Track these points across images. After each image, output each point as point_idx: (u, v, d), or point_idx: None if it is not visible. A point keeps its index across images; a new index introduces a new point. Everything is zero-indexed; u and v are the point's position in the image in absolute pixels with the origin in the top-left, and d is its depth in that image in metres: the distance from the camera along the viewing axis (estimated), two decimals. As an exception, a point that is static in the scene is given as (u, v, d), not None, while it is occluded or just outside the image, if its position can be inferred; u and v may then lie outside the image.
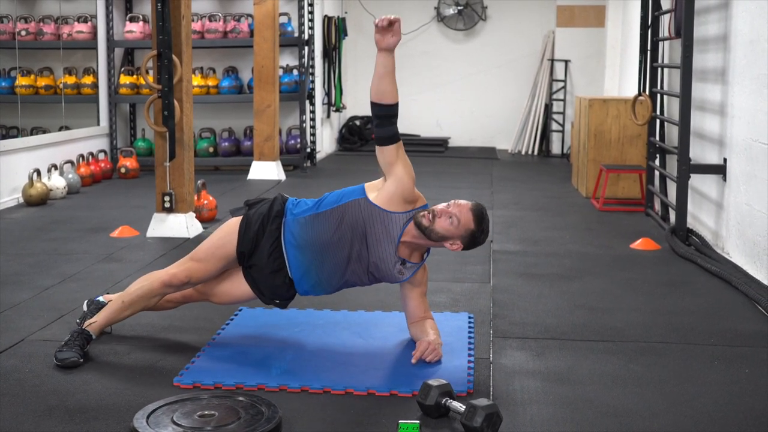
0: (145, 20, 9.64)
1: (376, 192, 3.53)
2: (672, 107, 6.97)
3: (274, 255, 3.56)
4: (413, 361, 3.48)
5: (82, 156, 8.64)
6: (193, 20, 9.55)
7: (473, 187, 8.71)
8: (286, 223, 3.55)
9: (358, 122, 12.50)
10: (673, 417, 3.05)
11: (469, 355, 3.60)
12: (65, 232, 6.19)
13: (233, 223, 3.63)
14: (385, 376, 3.38)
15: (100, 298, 3.88)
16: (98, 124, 9.47)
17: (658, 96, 7.15)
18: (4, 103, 8.78)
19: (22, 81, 8.98)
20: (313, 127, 10.22)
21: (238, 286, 3.67)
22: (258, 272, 3.60)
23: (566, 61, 12.00)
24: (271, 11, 8.92)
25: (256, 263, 3.59)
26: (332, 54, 11.28)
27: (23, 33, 9.07)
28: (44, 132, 8.70)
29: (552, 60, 12.05)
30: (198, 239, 5.94)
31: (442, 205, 3.53)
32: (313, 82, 10.15)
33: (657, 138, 7.09)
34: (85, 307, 3.86)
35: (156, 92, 5.90)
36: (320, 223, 3.51)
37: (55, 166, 7.93)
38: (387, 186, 3.51)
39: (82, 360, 3.47)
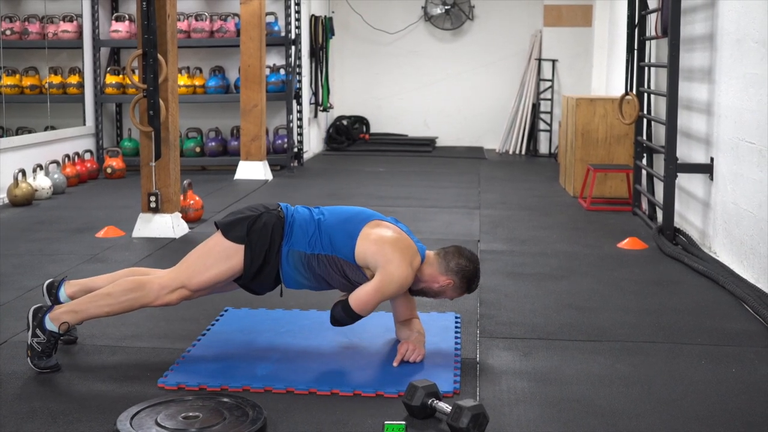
0: (131, 19, 9.60)
1: (371, 267, 3.44)
2: (659, 106, 6.97)
3: (273, 279, 3.53)
4: (395, 364, 3.46)
5: (67, 156, 8.59)
6: (179, 19, 9.53)
7: (460, 186, 8.70)
8: (283, 253, 3.48)
9: (345, 122, 12.47)
10: (659, 416, 3.05)
11: (456, 356, 3.59)
12: (50, 233, 6.15)
13: (233, 254, 3.45)
14: (371, 377, 3.37)
15: (62, 293, 3.75)
16: (84, 124, 9.42)
17: (645, 95, 7.16)
18: (-12, 102, 8.74)
19: (7, 81, 8.93)
20: (300, 126, 10.19)
21: (224, 286, 3.64)
22: (253, 284, 3.56)
23: (553, 61, 12.00)
24: (257, 11, 8.89)
25: (253, 282, 3.55)
26: (319, 53, 11.26)
27: (8, 32, 9.02)
28: (30, 132, 8.66)
29: (539, 59, 12.05)
30: (184, 239, 5.91)
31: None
32: (300, 81, 10.13)
33: (644, 137, 7.10)
34: (45, 293, 3.78)
35: (141, 92, 5.87)
36: (311, 265, 3.48)
37: (40, 166, 7.89)
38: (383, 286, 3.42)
39: (59, 364, 3.43)
